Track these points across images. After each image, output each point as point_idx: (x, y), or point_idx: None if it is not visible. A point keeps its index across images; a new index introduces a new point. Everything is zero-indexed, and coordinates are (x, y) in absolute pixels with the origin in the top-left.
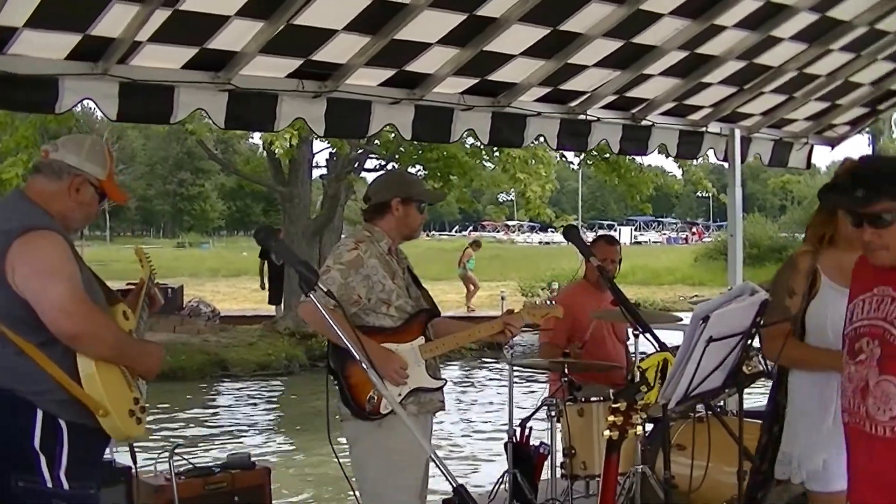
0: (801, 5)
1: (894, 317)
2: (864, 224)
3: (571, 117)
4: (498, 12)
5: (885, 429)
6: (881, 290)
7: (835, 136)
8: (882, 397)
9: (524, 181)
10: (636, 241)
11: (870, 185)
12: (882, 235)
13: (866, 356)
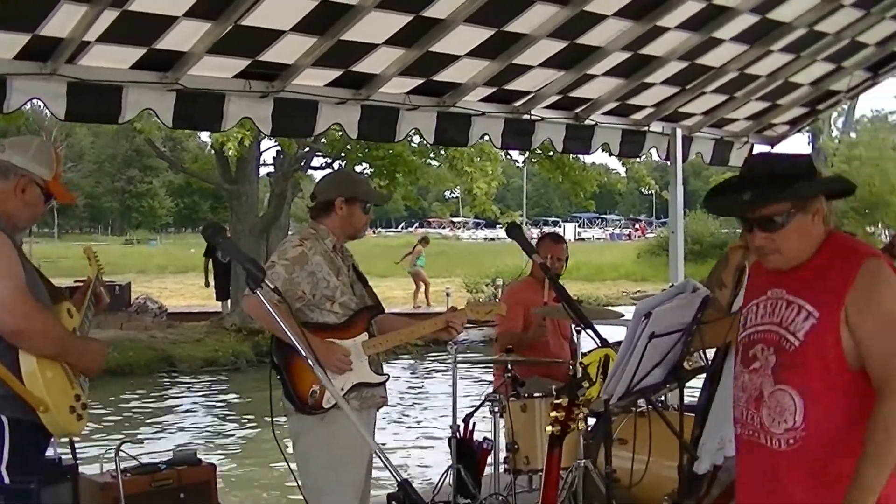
0: (743, 7)
1: (790, 321)
2: (754, 228)
3: (516, 117)
4: (444, 13)
5: (780, 441)
6: (775, 293)
7: (775, 135)
8: (777, 408)
9: (472, 175)
10: (580, 237)
11: (758, 186)
12: (774, 239)
13: (760, 364)
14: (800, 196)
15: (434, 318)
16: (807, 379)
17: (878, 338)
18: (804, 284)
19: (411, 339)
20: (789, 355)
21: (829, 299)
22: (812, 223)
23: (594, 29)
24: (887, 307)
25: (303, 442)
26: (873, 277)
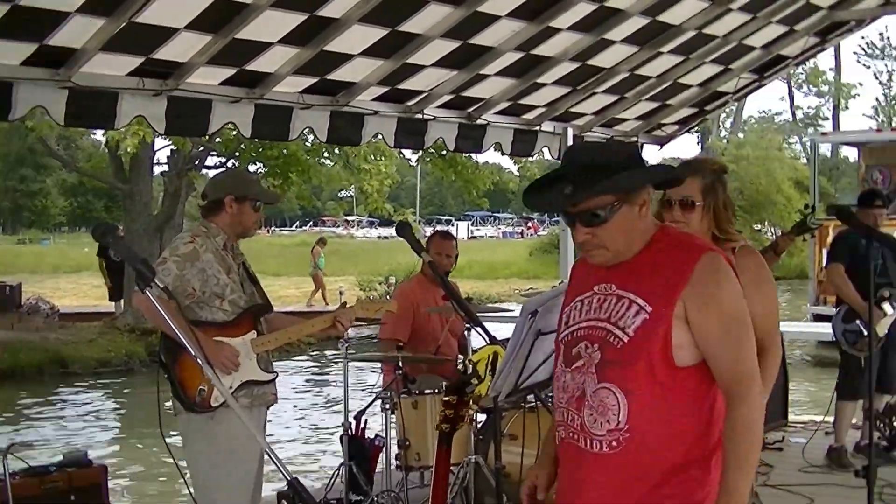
0: (633, 9)
1: (620, 316)
2: (576, 223)
3: (408, 116)
4: (338, 13)
5: (601, 443)
6: (603, 287)
7: (664, 135)
8: (599, 407)
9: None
10: (473, 235)
11: (578, 178)
12: (597, 234)
13: (584, 362)
14: (623, 188)
15: (323, 316)
16: (632, 376)
17: (722, 339)
18: (636, 279)
19: (300, 337)
20: (616, 351)
21: (663, 294)
22: (639, 216)
23: (487, 29)
24: (728, 305)
25: (192, 441)
26: (712, 273)
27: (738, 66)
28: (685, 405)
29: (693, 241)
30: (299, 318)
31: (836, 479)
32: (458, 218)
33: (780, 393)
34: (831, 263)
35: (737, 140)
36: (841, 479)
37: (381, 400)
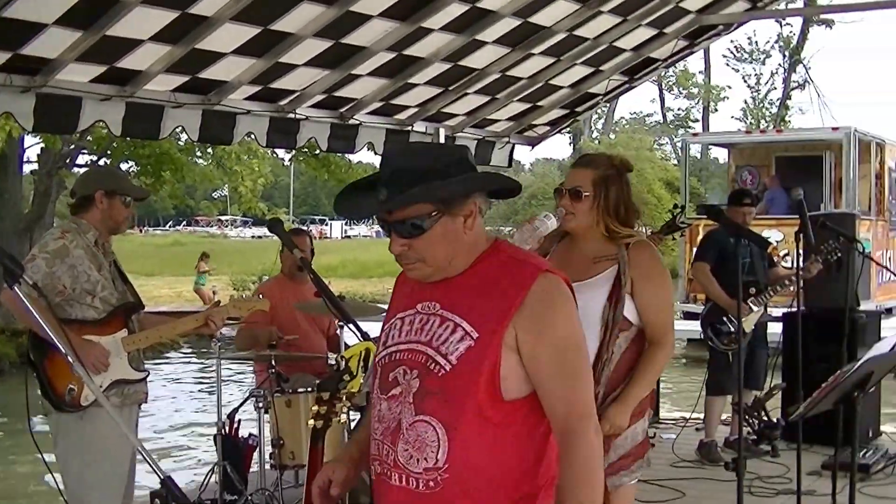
0: (505, 11)
1: (442, 341)
2: (392, 234)
3: (281, 115)
4: (210, 11)
5: (417, 482)
6: (427, 306)
7: (535, 136)
8: (416, 443)
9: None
10: (346, 235)
11: (394, 184)
12: (414, 246)
13: (402, 390)
14: (442, 196)
15: (194, 315)
16: (455, 409)
17: (556, 371)
18: (463, 300)
19: (172, 336)
20: (437, 381)
21: (492, 319)
22: (464, 228)
23: (359, 29)
24: (562, 333)
25: (63, 441)
26: (548, 297)
27: (609, 68)
28: (513, 442)
29: (528, 259)
30: (170, 317)
31: (707, 473)
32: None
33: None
34: (698, 262)
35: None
36: (711, 472)
37: (254, 399)
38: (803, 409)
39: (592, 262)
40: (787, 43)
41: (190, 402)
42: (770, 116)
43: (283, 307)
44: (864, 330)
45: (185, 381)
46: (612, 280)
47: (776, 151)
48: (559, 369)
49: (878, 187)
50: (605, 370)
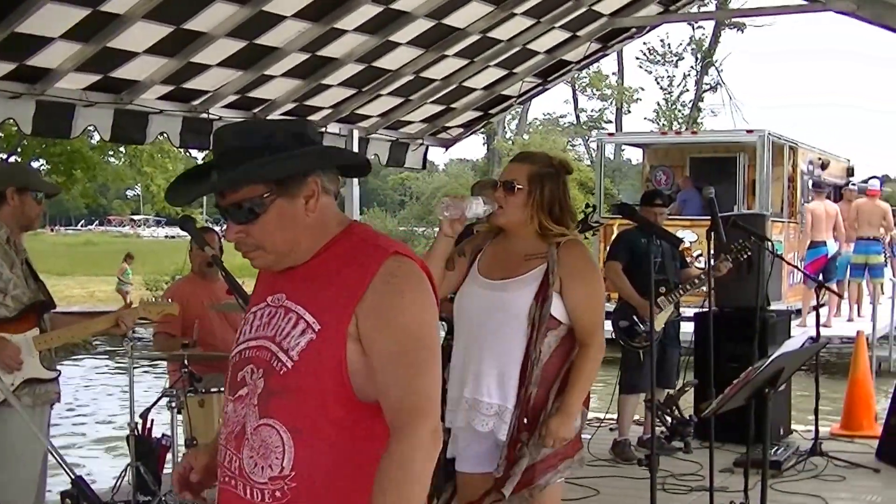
0: (419, 12)
1: (285, 335)
2: (227, 220)
3: (194, 115)
4: (122, 9)
5: (262, 493)
6: (276, 298)
7: (449, 137)
8: (261, 449)
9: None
10: None
11: (224, 165)
12: (251, 232)
13: (248, 390)
14: (273, 175)
15: (106, 315)
16: (299, 411)
17: (394, 361)
18: (307, 289)
19: (83, 336)
20: (280, 379)
21: (335, 308)
22: (305, 210)
23: (273, 29)
24: (407, 320)
25: None
26: (394, 280)
27: (522, 70)
28: (369, 447)
29: (378, 241)
30: (82, 317)
31: (621, 472)
32: None
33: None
34: (610, 261)
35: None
36: (625, 471)
37: (167, 399)
38: (715, 406)
39: (523, 259)
40: (699, 46)
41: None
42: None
43: (195, 306)
44: (775, 329)
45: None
46: (541, 278)
47: (691, 152)
48: (398, 359)
49: (791, 190)
50: (535, 369)
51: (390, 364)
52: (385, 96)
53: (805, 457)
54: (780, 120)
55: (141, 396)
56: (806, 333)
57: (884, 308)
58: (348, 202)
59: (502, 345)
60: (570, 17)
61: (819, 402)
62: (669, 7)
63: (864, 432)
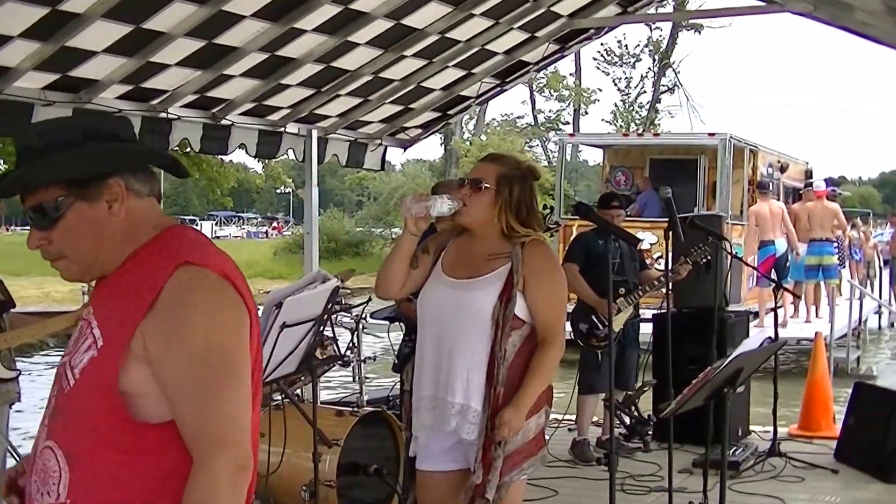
0: (377, 12)
1: (76, 351)
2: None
3: (152, 115)
4: (80, 8)
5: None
6: (88, 311)
7: (407, 138)
8: (42, 473)
9: None
10: (217, 236)
11: (19, 164)
12: (52, 239)
13: (45, 411)
14: (64, 174)
15: (67, 315)
16: (73, 433)
17: (185, 383)
18: (106, 302)
19: (43, 335)
20: (63, 399)
21: (119, 324)
22: (109, 215)
23: (232, 29)
24: (199, 337)
25: None
26: (183, 293)
27: (481, 71)
28: (156, 475)
29: (172, 248)
30: (41, 317)
31: (580, 472)
32: (203, 218)
33: None
34: (566, 263)
35: (480, 142)
36: (584, 471)
37: None
38: (674, 406)
39: (487, 259)
40: (657, 47)
41: None
42: (640, 120)
43: None
44: (734, 329)
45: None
46: (505, 278)
47: (651, 154)
48: (190, 383)
49: (751, 193)
50: (501, 369)
51: (182, 389)
52: (344, 96)
53: (764, 457)
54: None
55: None
56: (764, 333)
57: (841, 309)
58: (307, 205)
59: (468, 344)
60: (528, 18)
61: (777, 403)
62: (627, 8)
63: (823, 433)
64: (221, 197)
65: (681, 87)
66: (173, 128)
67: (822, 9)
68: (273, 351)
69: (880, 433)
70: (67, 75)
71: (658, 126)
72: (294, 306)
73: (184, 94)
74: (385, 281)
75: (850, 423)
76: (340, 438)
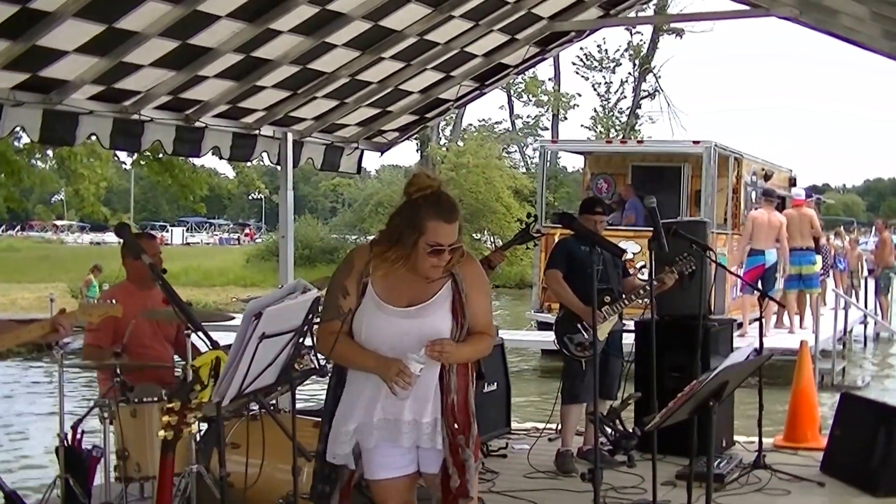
0: (355, 14)
1: None
2: None
3: (124, 117)
4: (51, 6)
5: None
6: None
7: (384, 141)
8: None
9: (87, 177)
10: (187, 242)
11: None
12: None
13: None
14: None
15: (41, 322)
16: None
17: None
18: None
19: (14, 344)
20: None
21: None
22: None
23: (206, 29)
24: None
25: None
26: None
27: (460, 74)
28: None
29: None
30: (13, 324)
31: (562, 484)
32: (173, 224)
33: (503, 401)
34: (550, 269)
35: (457, 148)
36: (566, 483)
37: (98, 409)
38: (659, 419)
39: (426, 282)
40: (637, 52)
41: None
42: (620, 125)
43: (130, 314)
44: (717, 338)
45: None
46: (451, 297)
47: (633, 161)
48: None
49: (735, 201)
50: (451, 377)
51: None
52: (320, 99)
53: (749, 469)
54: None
55: (71, 406)
56: (751, 346)
57: (826, 320)
58: (282, 209)
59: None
60: (508, 20)
61: (762, 414)
62: (609, 11)
63: (809, 444)
64: (194, 203)
65: (661, 93)
66: (145, 130)
67: (808, 13)
68: (252, 362)
69: (867, 445)
70: (37, 75)
71: (639, 132)
72: (274, 317)
73: (157, 96)
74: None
75: (837, 434)
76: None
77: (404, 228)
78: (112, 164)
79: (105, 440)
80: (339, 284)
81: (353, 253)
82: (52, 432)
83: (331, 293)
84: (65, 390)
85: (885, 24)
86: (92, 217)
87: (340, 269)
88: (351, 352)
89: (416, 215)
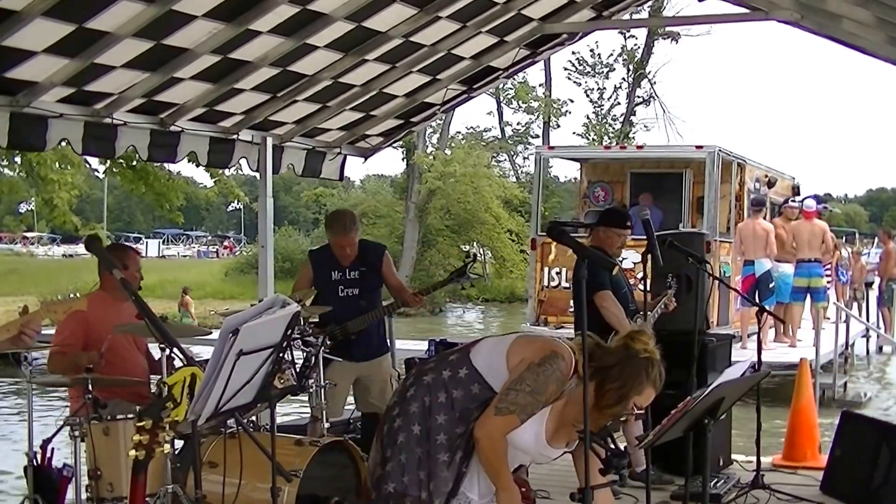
0: (338, 14)
1: None
2: None
3: (97, 120)
4: (18, 5)
5: None
6: None
7: (368, 147)
8: None
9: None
10: (163, 255)
11: None
12: None
13: None
14: None
15: (6, 325)
16: None
17: None
18: None
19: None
20: None
21: None
22: None
23: (182, 30)
24: None
25: None
26: None
27: (447, 77)
28: None
29: None
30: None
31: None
32: (148, 235)
33: None
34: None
35: (444, 156)
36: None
37: (69, 427)
38: (652, 437)
39: (574, 428)
40: (631, 56)
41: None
42: (614, 133)
43: (104, 325)
44: (715, 354)
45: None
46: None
47: (632, 167)
48: None
49: (738, 209)
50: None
51: None
52: (301, 102)
53: (747, 489)
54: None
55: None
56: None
57: (827, 333)
58: (262, 217)
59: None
60: (497, 22)
61: (760, 432)
62: (602, 13)
63: (808, 463)
64: (170, 212)
65: (656, 99)
66: (119, 134)
67: (809, 18)
68: (230, 379)
69: (868, 465)
70: (4, 77)
71: (633, 139)
72: (251, 333)
73: (130, 98)
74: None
75: (837, 453)
76: (299, 470)
77: (626, 379)
78: (84, 170)
79: (76, 459)
80: (547, 390)
81: (564, 364)
82: (21, 451)
83: (535, 393)
84: (36, 406)
85: (889, 30)
86: (63, 227)
87: (553, 373)
88: (503, 460)
89: (639, 373)
